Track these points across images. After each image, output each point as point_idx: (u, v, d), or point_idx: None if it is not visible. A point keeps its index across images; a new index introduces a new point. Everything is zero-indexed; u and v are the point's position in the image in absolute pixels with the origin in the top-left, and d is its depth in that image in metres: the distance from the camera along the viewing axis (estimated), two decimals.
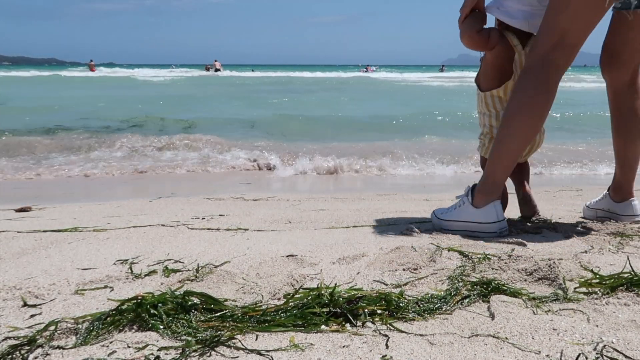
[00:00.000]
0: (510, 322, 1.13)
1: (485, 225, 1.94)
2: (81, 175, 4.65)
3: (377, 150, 5.72)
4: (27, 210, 2.99)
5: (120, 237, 2.03)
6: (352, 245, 1.80)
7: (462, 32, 2.03)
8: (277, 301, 1.29)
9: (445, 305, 1.24)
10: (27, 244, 1.94)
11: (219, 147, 5.90)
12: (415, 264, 1.54)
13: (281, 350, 1.04)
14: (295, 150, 5.69)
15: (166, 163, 5.22)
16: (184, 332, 1.10)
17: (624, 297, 1.27)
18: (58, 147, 5.86)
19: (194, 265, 1.59)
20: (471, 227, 1.96)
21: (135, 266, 1.61)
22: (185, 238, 2.01)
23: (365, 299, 1.22)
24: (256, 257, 1.68)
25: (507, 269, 1.47)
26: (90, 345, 1.06)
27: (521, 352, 1.02)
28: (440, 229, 2.04)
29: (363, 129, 8.08)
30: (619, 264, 1.54)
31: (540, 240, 1.87)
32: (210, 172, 4.93)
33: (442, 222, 2.05)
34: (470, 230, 1.96)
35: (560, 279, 1.38)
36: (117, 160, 5.33)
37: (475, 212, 1.96)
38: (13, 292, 1.37)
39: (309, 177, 4.66)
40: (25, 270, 1.58)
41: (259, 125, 8.18)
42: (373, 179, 4.66)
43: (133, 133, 6.91)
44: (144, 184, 4.35)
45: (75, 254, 1.78)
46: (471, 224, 1.96)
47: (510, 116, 1.92)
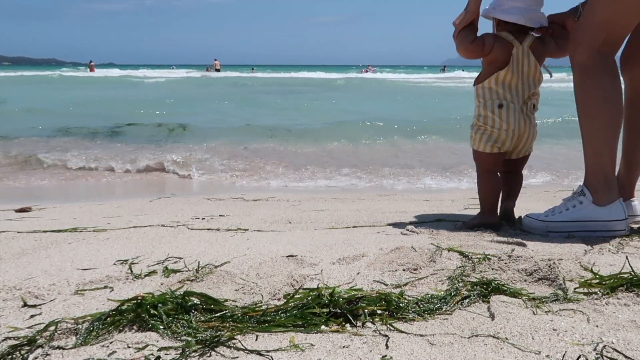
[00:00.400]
0: (510, 322, 1.13)
1: (613, 223, 1.89)
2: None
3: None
4: (27, 211, 2.99)
5: (120, 238, 2.03)
6: (352, 246, 1.80)
7: (458, 45, 2.11)
8: (277, 301, 1.29)
9: (445, 305, 1.24)
10: (27, 244, 1.94)
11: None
12: (415, 264, 1.54)
13: (281, 351, 1.04)
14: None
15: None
16: (184, 332, 1.10)
17: (624, 297, 1.27)
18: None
19: (194, 265, 1.59)
20: (593, 227, 1.91)
21: (135, 266, 1.61)
22: (185, 238, 2.01)
23: (365, 299, 1.22)
24: (256, 257, 1.68)
25: (507, 269, 1.47)
26: (90, 345, 1.06)
27: (521, 352, 1.02)
28: (546, 232, 1.97)
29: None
30: (618, 264, 1.54)
31: (540, 240, 1.87)
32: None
33: (551, 224, 1.97)
34: (592, 229, 1.91)
35: (560, 280, 1.38)
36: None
37: (599, 211, 1.90)
38: (13, 293, 1.37)
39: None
40: (25, 271, 1.58)
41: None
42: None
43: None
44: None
45: (75, 254, 1.78)
46: (594, 224, 1.91)
47: (594, 111, 1.90)
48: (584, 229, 1.92)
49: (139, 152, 5.61)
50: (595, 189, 1.92)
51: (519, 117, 2.08)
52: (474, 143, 2.16)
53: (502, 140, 2.09)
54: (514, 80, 2.08)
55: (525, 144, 2.14)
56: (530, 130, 2.12)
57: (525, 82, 2.09)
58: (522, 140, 2.12)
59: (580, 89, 1.94)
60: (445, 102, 13.50)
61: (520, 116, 2.08)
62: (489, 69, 2.12)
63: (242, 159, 5.38)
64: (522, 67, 2.07)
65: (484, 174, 2.17)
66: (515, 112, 2.07)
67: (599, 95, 1.90)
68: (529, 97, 2.11)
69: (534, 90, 2.12)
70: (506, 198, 2.23)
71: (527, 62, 2.08)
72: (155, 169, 5.02)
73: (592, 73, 1.90)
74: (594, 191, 1.93)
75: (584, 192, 1.96)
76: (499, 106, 2.07)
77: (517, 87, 2.08)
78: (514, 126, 2.07)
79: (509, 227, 2.09)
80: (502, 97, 2.08)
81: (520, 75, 2.08)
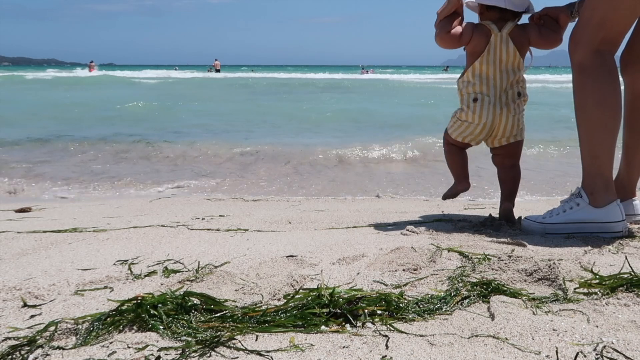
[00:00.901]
0: (510, 322, 1.13)
1: (611, 224, 1.89)
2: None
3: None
4: (27, 211, 2.99)
5: (120, 238, 2.03)
6: (352, 246, 1.80)
7: (435, 35, 2.12)
8: (277, 302, 1.29)
9: (445, 305, 1.24)
10: (27, 244, 1.94)
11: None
12: (415, 265, 1.54)
13: (281, 351, 1.04)
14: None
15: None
16: (184, 332, 1.10)
17: (624, 297, 1.27)
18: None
19: (194, 265, 1.59)
20: (590, 228, 1.91)
21: (135, 267, 1.61)
22: (185, 239, 2.01)
23: (365, 300, 1.22)
24: (256, 257, 1.68)
25: (507, 269, 1.47)
26: (90, 345, 1.06)
27: (521, 352, 1.02)
28: (543, 234, 1.97)
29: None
30: (618, 265, 1.54)
31: (540, 240, 1.87)
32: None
33: (548, 225, 1.98)
34: (589, 231, 1.91)
35: (560, 280, 1.38)
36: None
37: (596, 212, 1.90)
38: (13, 293, 1.37)
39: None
40: (25, 271, 1.58)
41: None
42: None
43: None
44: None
45: (75, 255, 1.78)
46: (592, 225, 1.91)
47: (588, 113, 1.91)
48: (581, 230, 1.93)
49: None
50: (592, 190, 1.92)
51: (492, 109, 2.10)
52: (449, 126, 2.23)
53: (474, 134, 2.15)
54: (490, 70, 2.09)
55: (504, 133, 2.14)
56: (507, 119, 2.11)
57: (503, 71, 2.09)
58: (497, 130, 2.13)
59: (578, 89, 1.94)
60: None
61: (495, 108, 2.09)
62: (470, 61, 2.13)
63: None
64: (499, 55, 2.08)
65: (449, 147, 2.27)
66: (490, 104, 2.10)
67: (596, 97, 1.89)
68: (510, 85, 2.11)
69: (514, 78, 2.11)
70: (504, 199, 2.23)
71: (505, 50, 2.08)
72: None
73: (590, 74, 1.90)
74: (590, 193, 1.93)
75: (580, 194, 1.96)
76: (474, 100, 2.11)
77: (494, 77, 2.09)
78: (485, 119, 2.10)
79: (509, 228, 2.09)
80: (478, 91, 2.10)
81: (498, 64, 2.09)
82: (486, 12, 2.12)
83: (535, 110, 9.24)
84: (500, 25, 2.09)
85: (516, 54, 2.09)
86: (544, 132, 7.18)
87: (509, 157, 2.22)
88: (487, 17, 2.12)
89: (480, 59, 2.08)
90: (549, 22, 2.13)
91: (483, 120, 2.10)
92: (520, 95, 2.14)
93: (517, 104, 2.14)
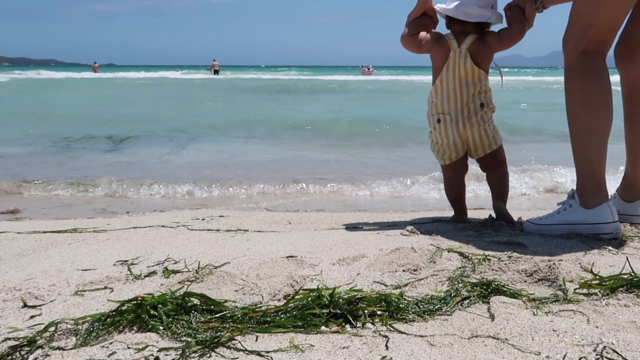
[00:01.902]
0: (510, 323, 1.13)
1: (601, 225, 1.89)
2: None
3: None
4: (16, 213, 2.99)
5: (120, 238, 2.03)
6: (352, 246, 1.80)
7: (401, 36, 2.14)
8: (277, 302, 1.29)
9: (445, 306, 1.24)
10: (27, 244, 1.94)
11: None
12: (415, 265, 1.54)
13: (281, 351, 1.04)
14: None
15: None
16: (184, 333, 1.10)
17: (624, 298, 1.27)
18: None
19: (194, 266, 1.59)
20: (581, 230, 1.91)
21: (135, 267, 1.61)
22: (185, 239, 2.01)
23: (365, 300, 1.22)
24: (256, 258, 1.68)
25: (507, 270, 1.47)
26: (90, 346, 1.06)
27: (521, 353, 1.02)
28: (540, 234, 1.98)
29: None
30: (618, 265, 1.54)
31: (540, 241, 1.87)
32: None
33: (543, 227, 2.00)
34: (580, 232, 1.91)
35: (560, 280, 1.37)
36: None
37: (587, 214, 1.91)
38: (13, 293, 1.37)
39: None
40: (25, 271, 1.58)
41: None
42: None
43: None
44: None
45: (75, 255, 1.78)
46: (581, 226, 1.92)
47: (574, 115, 1.91)
48: (572, 231, 1.93)
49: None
50: (582, 192, 1.93)
51: (455, 127, 2.12)
52: (435, 157, 2.27)
53: (448, 152, 2.18)
54: (450, 86, 2.11)
55: (477, 146, 2.15)
56: (473, 133, 2.12)
57: (463, 85, 2.10)
58: (469, 143, 2.15)
59: (566, 92, 1.94)
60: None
61: (457, 125, 2.11)
62: (434, 77, 2.17)
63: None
64: (457, 71, 2.10)
65: (445, 180, 2.31)
66: (452, 122, 2.12)
67: (581, 99, 1.89)
68: (472, 99, 2.11)
69: (475, 90, 2.11)
70: (494, 198, 2.25)
71: (462, 65, 2.09)
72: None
73: (575, 75, 1.90)
74: (581, 194, 1.93)
75: (574, 196, 1.97)
76: (438, 121, 2.15)
77: (454, 94, 2.10)
78: (452, 137, 2.13)
79: (509, 228, 2.09)
80: (440, 111, 2.14)
81: (457, 80, 2.10)
82: (450, 24, 2.14)
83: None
84: (461, 40, 2.10)
85: (474, 68, 2.09)
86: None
87: (492, 163, 2.24)
88: (452, 28, 2.14)
89: (440, 76, 2.12)
90: (516, 12, 2.13)
91: (450, 139, 2.14)
92: (484, 105, 2.14)
93: (480, 116, 2.13)
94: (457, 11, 2.05)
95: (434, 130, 2.18)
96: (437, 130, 2.16)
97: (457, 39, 2.10)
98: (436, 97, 2.14)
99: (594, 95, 1.88)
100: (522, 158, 4.81)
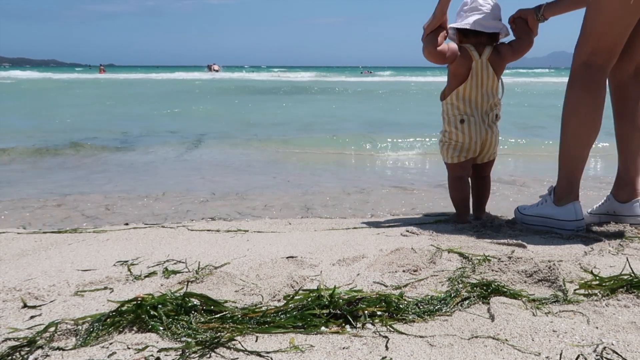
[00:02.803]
0: (510, 323, 1.13)
1: (564, 222, 2.04)
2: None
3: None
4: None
5: (120, 239, 2.03)
6: (352, 247, 1.80)
7: (424, 48, 2.19)
8: (277, 302, 1.29)
9: (445, 306, 1.24)
10: (27, 245, 1.94)
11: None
12: (415, 266, 1.55)
13: (281, 352, 1.04)
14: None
15: None
16: (184, 333, 1.10)
17: (624, 298, 1.27)
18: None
19: (194, 266, 1.59)
20: (550, 223, 2.08)
21: (135, 267, 1.61)
22: (185, 239, 2.01)
23: (365, 301, 1.22)
24: (256, 258, 1.68)
25: (507, 270, 1.47)
26: (90, 346, 1.06)
27: (521, 353, 1.02)
28: (522, 223, 2.17)
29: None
30: (618, 266, 1.54)
31: (540, 242, 1.87)
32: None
33: (524, 217, 2.18)
34: (549, 226, 2.07)
35: (560, 281, 1.38)
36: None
37: (556, 210, 2.07)
38: (13, 294, 1.37)
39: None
40: (25, 272, 1.58)
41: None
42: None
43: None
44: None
45: (75, 255, 1.78)
46: (550, 220, 2.08)
47: (565, 120, 2.06)
48: (544, 224, 2.10)
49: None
50: (558, 190, 2.09)
51: (480, 128, 2.23)
52: (444, 157, 2.32)
53: (467, 149, 2.25)
54: (474, 94, 2.21)
55: (489, 151, 2.30)
56: (492, 138, 2.26)
57: (484, 94, 2.22)
58: (485, 147, 2.27)
59: (565, 96, 2.07)
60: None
61: (482, 127, 2.23)
62: (452, 84, 2.25)
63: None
64: (481, 80, 2.21)
65: (453, 181, 2.33)
66: (477, 124, 2.23)
67: (571, 107, 2.03)
68: (491, 108, 2.25)
69: (493, 101, 2.25)
70: (476, 209, 2.38)
71: (486, 75, 2.21)
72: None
73: (573, 84, 2.03)
74: (556, 192, 2.09)
75: (551, 192, 2.12)
76: (461, 121, 2.23)
77: (477, 100, 2.22)
78: (475, 138, 2.23)
79: (509, 229, 2.10)
80: (463, 112, 2.23)
81: (480, 88, 2.22)
82: (464, 39, 2.22)
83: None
84: (480, 51, 2.20)
85: (494, 78, 2.23)
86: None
87: (484, 170, 2.37)
88: (465, 42, 2.22)
89: (465, 84, 2.21)
90: (521, 24, 2.27)
91: (474, 139, 2.23)
92: (498, 117, 2.30)
93: (496, 126, 2.29)
94: (475, 24, 2.15)
95: (455, 130, 2.24)
96: (459, 130, 2.23)
97: (476, 49, 2.20)
98: (457, 100, 2.23)
99: (586, 106, 2.01)
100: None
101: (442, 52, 2.17)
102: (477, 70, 2.19)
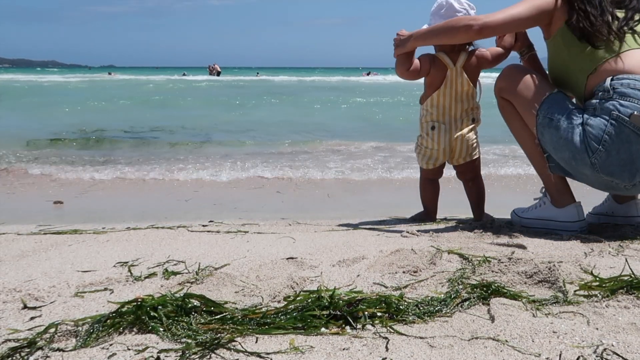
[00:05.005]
0: (510, 324, 1.13)
1: (567, 224, 2.06)
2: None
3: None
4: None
5: (120, 240, 2.03)
6: (352, 248, 1.80)
7: (396, 68, 2.29)
8: (277, 304, 1.29)
9: (445, 307, 1.24)
10: (27, 246, 1.94)
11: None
12: (415, 267, 1.54)
13: (281, 353, 1.04)
14: None
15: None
16: (184, 334, 1.10)
17: (624, 299, 1.27)
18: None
19: (194, 267, 1.59)
20: (552, 226, 2.09)
21: (135, 268, 1.61)
22: (185, 240, 2.01)
23: (365, 302, 1.22)
24: (256, 259, 1.68)
25: (507, 271, 1.47)
26: (90, 347, 1.06)
27: (521, 354, 1.02)
28: (521, 226, 2.17)
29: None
30: (618, 267, 1.54)
31: (540, 243, 1.87)
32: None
33: (523, 219, 2.19)
34: (551, 228, 2.08)
35: (560, 282, 1.37)
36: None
37: (557, 212, 2.09)
38: (13, 295, 1.37)
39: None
40: (25, 273, 1.58)
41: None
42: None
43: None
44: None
45: (75, 257, 1.78)
46: (553, 222, 2.10)
47: (510, 128, 2.16)
48: (546, 226, 2.10)
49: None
50: (550, 193, 2.11)
51: (448, 135, 2.29)
52: (418, 161, 2.44)
53: (435, 157, 2.34)
54: (447, 101, 2.28)
55: (460, 154, 2.34)
56: (461, 143, 2.31)
57: (458, 101, 2.28)
58: (454, 152, 2.33)
59: (505, 121, 2.23)
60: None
61: (450, 134, 2.29)
62: (428, 91, 2.32)
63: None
64: (455, 88, 2.26)
65: (424, 182, 2.46)
66: (446, 131, 2.29)
67: (521, 123, 2.11)
68: (466, 113, 2.31)
69: (469, 106, 2.31)
70: (475, 213, 2.43)
71: (460, 82, 2.27)
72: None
73: (505, 105, 2.16)
74: (550, 194, 2.12)
75: (545, 194, 2.15)
76: (432, 128, 2.30)
77: (450, 107, 2.28)
78: (444, 145, 2.31)
79: (509, 230, 2.09)
80: (435, 119, 2.30)
81: (454, 95, 2.27)
82: (438, 45, 2.27)
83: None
84: (454, 58, 2.25)
85: (469, 84, 2.28)
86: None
87: (469, 172, 2.41)
88: (440, 48, 2.28)
89: (438, 92, 2.27)
90: (507, 37, 2.34)
91: (442, 146, 2.31)
92: (474, 120, 2.34)
93: (470, 129, 2.32)
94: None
95: (426, 136, 2.33)
96: (429, 136, 2.32)
97: (449, 57, 2.25)
98: (431, 107, 2.30)
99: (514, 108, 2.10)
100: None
101: (415, 71, 2.26)
102: (451, 78, 2.25)
